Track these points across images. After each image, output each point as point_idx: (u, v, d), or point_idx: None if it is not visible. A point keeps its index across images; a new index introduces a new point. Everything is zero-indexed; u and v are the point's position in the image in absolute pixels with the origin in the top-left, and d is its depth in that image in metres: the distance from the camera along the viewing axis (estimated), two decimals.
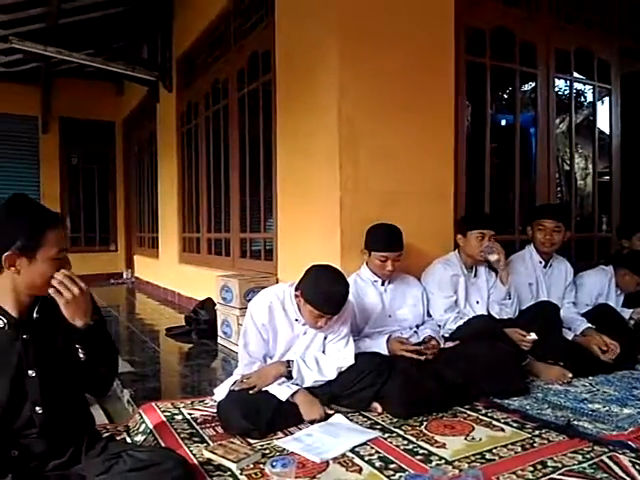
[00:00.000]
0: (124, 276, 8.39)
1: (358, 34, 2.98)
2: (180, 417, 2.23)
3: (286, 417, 2.06)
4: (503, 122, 4.91)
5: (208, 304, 4.01)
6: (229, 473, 1.70)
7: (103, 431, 1.97)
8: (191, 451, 1.87)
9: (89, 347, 1.45)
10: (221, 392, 2.23)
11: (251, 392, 2.08)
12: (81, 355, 1.44)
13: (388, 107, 3.06)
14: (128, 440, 2.05)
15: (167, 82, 5.93)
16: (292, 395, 2.10)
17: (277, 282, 3.50)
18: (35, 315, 1.45)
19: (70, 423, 1.51)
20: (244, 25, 4.22)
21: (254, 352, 2.24)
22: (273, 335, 2.24)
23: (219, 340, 3.70)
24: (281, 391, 2.10)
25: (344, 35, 2.95)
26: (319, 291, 2.09)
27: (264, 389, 2.10)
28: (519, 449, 1.85)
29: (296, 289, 2.20)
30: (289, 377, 2.16)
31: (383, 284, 2.69)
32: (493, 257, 2.82)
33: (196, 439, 1.99)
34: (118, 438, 1.96)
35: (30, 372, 1.43)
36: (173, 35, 5.87)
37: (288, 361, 2.19)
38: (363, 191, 2.99)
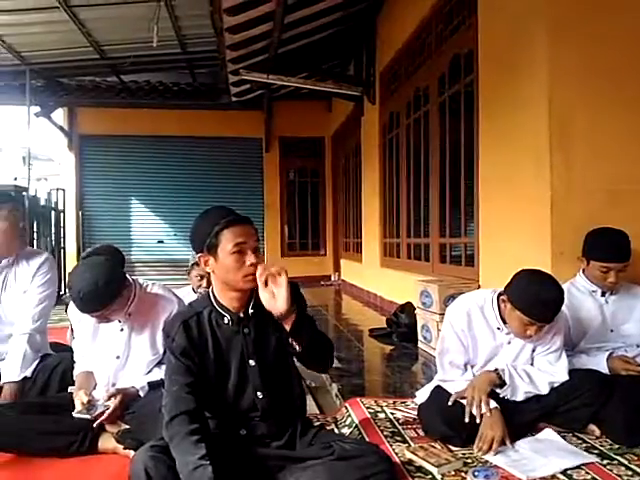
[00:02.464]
0: (332, 278, 9.00)
1: (570, 17, 2.73)
2: (383, 415, 2.32)
3: None
4: None
5: (408, 308, 4.08)
6: (430, 476, 1.72)
7: (314, 420, 2.15)
8: (393, 449, 1.94)
9: (300, 339, 1.53)
10: (422, 395, 2.25)
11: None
12: (296, 347, 1.54)
13: (610, 96, 2.74)
14: (336, 431, 2.21)
15: (371, 96, 6.22)
16: None
17: (479, 288, 3.39)
18: (251, 311, 1.64)
19: (287, 409, 1.68)
20: (445, 30, 4.21)
21: (453, 359, 2.15)
22: (473, 343, 2.14)
23: (419, 344, 3.73)
24: None
25: (554, 20, 2.73)
26: (531, 296, 1.92)
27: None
28: None
29: (503, 293, 2.06)
30: (501, 386, 2.05)
31: (603, 295, 2.39)
32: None
33: (398, 438, 2.06)
34: (328, 428, 2.13)
35: (251, 362, 1.63)
36: (377, 50, 6.14)
37: (496, 369, 2.07)
38: (579, 191, 2.72)
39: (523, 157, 2.98)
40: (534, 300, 1.92)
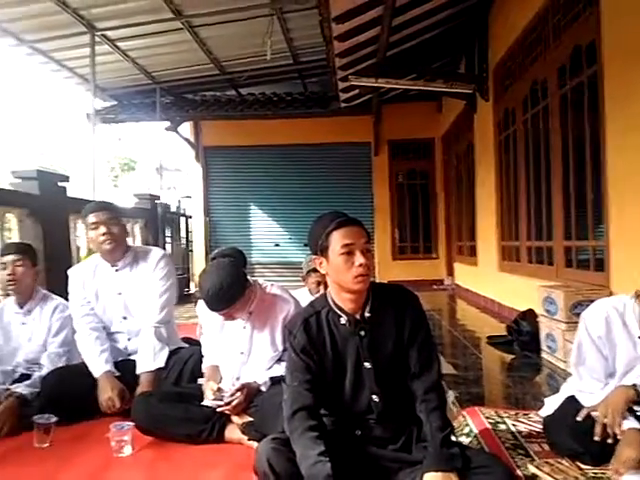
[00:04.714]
0: (445, 282, 8.77)
1: None
2: (504, 427, 2.22)
3: None
4: None
5: (530, 315, 3.85)
6: None
7: None
8: (515, 462, 1.85)
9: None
10: (548, 408, 2.11)
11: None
12: None
13: None
14: (453, 439, 2.15)
15: (484, 92, 5.99)
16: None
17: (610, 295, 3.11)
18: (367, 314, 1.66)
19: (403, 414, 1.67)
20: (563, 20, 3.93)
21: (592, 370, 1.96)
22: (611, 352, 1.94)
23: (543, 354, 3.50)
24: None
25: None
26: None
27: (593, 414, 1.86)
28: None
29: None
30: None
31: None
32: None
33: (520, 452, 1.95)
34: None
35: (366, 364, 1.64)
36: (489, 45, 5.90)
37: (634, 385, 1.85)
38: None
39: None
40: None
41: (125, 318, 2.75)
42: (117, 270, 2.74)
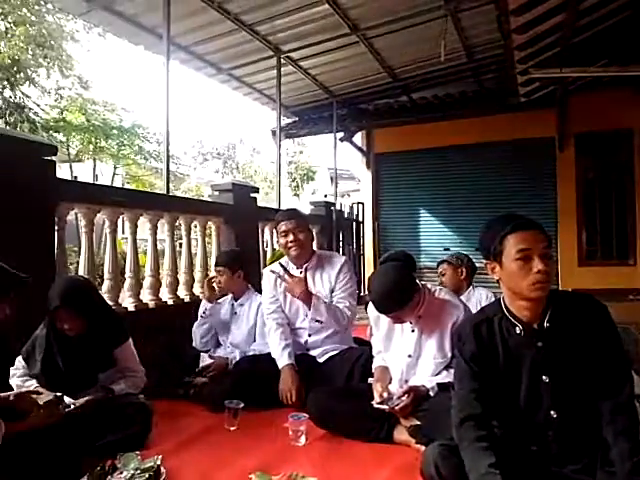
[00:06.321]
0: None
1: None
2: None
3: None
4: None
5: None
6: None
7: None
8: None
9: None
10: None
11: None
12: None
13: None
14: None
15: None
16: None
17: None
18: (546, 324, 1.55)
19: (585, 433, 1.54)
20: None
21: None
22: None
23: None
24: None
25: None
26: None
27: None
28: None
29: None
30: None
31: None
32: None
33: None
34: None
35: (544, 377, 1.55)
36: None
37: None
38: None
39: None
40: None
41: (307, 316, 2.99)
42: (301, 272, 3.00)
